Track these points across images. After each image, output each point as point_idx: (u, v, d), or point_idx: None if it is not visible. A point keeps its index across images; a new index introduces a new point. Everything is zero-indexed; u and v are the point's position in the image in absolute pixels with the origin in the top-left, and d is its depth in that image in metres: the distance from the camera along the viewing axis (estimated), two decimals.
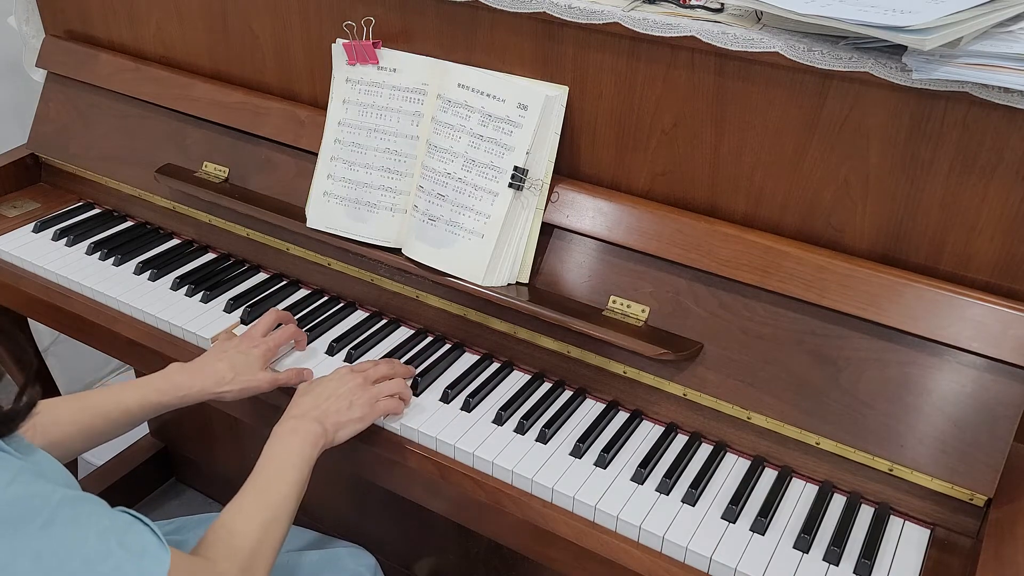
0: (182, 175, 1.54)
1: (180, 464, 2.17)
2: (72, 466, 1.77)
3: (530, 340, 1.28)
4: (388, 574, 1.34)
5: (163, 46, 1.62)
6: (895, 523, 1.07)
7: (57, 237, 1.58)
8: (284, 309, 1.40)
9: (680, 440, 1.18)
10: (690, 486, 1.09)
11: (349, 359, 1.30)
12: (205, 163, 1.54)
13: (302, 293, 1.46)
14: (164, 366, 1.32)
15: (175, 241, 1.60)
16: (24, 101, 1.88)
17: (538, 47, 1.22)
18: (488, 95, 1.23)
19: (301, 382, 1.23)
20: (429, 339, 1.36)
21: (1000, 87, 0.94)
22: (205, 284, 1.46)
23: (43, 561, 0.75)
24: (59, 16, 1.73)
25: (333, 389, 1.14)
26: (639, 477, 1.11)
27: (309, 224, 1.39)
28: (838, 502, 1.10)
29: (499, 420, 1.20)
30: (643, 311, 1.20)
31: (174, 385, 1.17)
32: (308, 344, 1.33)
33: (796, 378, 1.11)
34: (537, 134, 1.21)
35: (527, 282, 1.27)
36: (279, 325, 1.31)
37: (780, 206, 1.15)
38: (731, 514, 1.07)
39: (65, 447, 1.08)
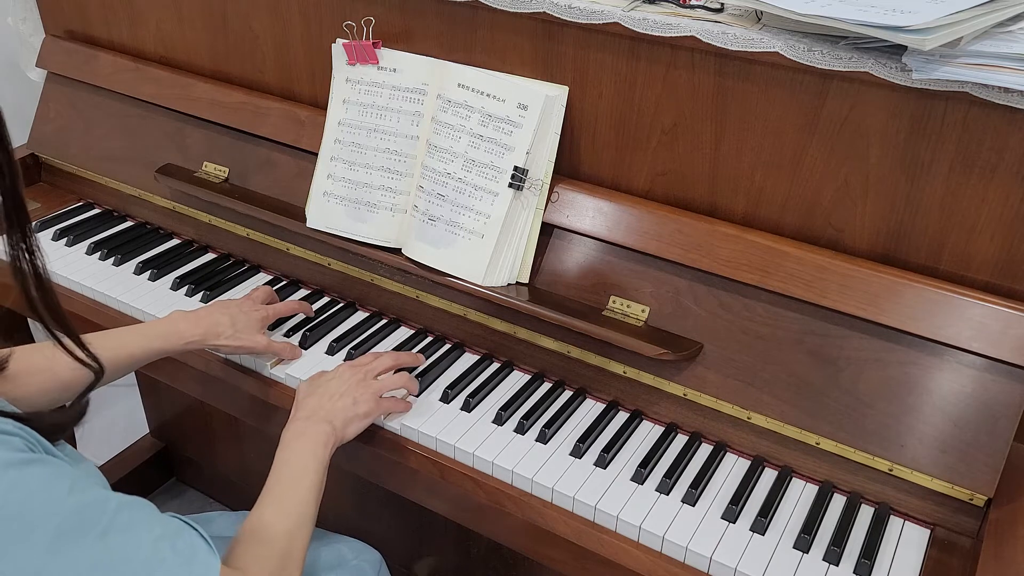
0: (182, 175, 1.54)
1: (180, 464, 2.17)
2: None
3: (530, 340, 1.28)
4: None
5: (163, 46, 1.62)
6: (895, 523, 1.07)
7: (57, 237, 1.58)
8: None
9: (680, 440, 1.18)
10: (690, 486, 1.09)
11: (349, 359, 1.30)
12: (205, 163, 1.54)
13: (302, 293, 1.46)
14: (164, 366, 1.32)
15: (175, 241, 1.60)
16: (24, 101, 1.88)
17: (538, 47, 1.22)
18: (488, 95, 1.23)
19: (293, 359, 1.30)
20: (429, 339, 1.36)
21: (1000, 87, 0.94)
22: (205, 284, 1.46)
23: (101, 569, 0.76)
24: (59, 16, 1.73)
25: (336, 387, 1.15)
26: (639, 477, 1.11)
27: (309, 224, 1.39)
28: (838, 502, 1.10)
29: (499, 420, 1.20)
30: (643, 311, 1.20)
31: (177, 331, 1.22)
32: (308, 345, 1.33)
33: (796, 378, 1.11)
34: (537, 134, 1.21)
35: (527, 282, 1.27)
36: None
37: (780, 206, 1.15)
38: (731, 514, 1.07)
39: (71, 388, 1.11)
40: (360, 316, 1.41)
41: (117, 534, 0.77)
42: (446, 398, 1.23)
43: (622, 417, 1.21)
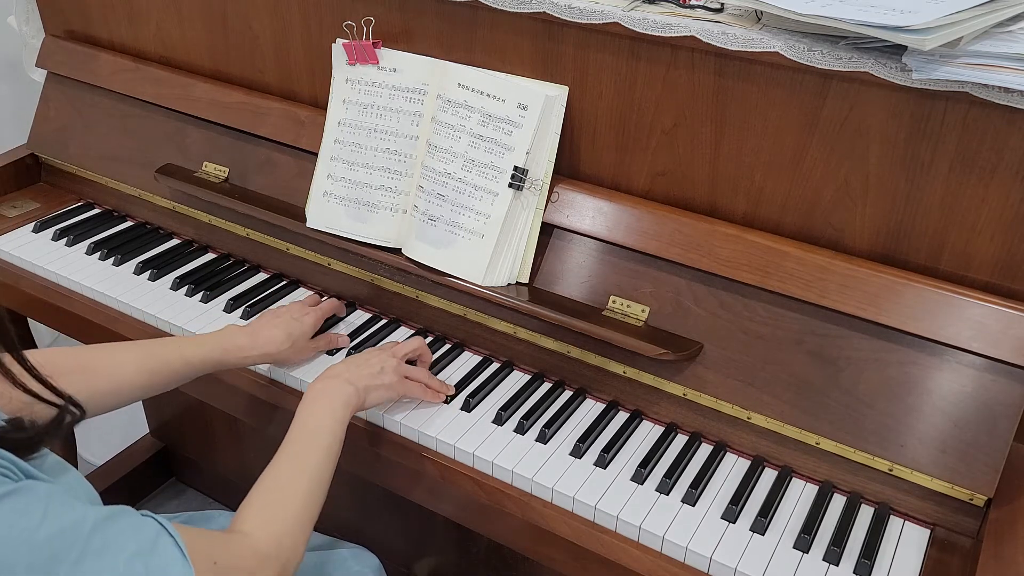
0: (182, 175, 1.54)
1: (180, 464, 2.17)
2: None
3: (530, 340, 1.28)
4: (389, 574, 1.34)
5: (163, 46, 1.62)
6: (895, 523, 1.07)
7: (57, 237, 1.58)
8: None
9: (680, 440, 1.18)
10: (690, 486, 1.09)
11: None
12: (205, 163, 1.54)
13: (302, 293, 1.46)
14: None
15: (175, 241, 1.60)
16: (24, 101, 1.88)
17: (538, 47, 1.22)
18: (488, 95, 1.23)
19: (339, 347, 1.32)
20: (429, 339, 1.36)
21: (1000, 87, 0.94)
22: (205, 284, 1.46)
23: None
24: (59, 16, 1.73)
25: (364, 359, 1.17)
26: (639, 477, 1.11)
27: (309, 224, 1.39)
28: (838, 502, 1.10)
29: (499, 420, 1.20)
30: (643, 311, 1.20)
31: (237, 346, 1.21)
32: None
33: (796, 378, 1.11)
34: (537, 134, 1.21)
35: (527, 282, 1.27)
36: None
37: (780, 206, 1.15)
38: (731, 514, 1.07)
39: (126, 392, 1.12)
40: (360, 316, 1.41)
41: (91, 560, 0.74)
42: (446, 398, 1.23)
43: (622, 417, 1.21)
